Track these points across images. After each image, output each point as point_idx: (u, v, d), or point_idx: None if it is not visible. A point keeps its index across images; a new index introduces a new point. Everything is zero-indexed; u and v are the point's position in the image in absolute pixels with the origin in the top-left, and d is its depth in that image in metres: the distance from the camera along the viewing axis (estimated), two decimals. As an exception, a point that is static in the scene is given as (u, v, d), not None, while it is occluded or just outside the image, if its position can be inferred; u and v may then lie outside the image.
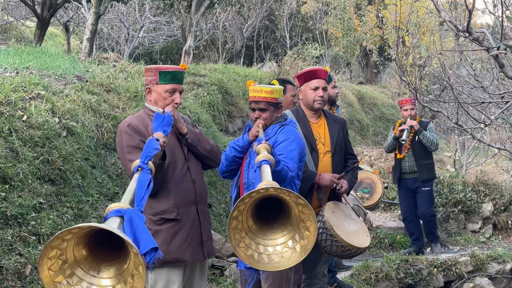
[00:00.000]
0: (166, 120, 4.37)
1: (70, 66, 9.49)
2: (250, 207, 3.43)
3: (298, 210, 3.41)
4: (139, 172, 3.59)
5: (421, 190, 9.80)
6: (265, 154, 4.15)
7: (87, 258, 2.98)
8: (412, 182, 9.79)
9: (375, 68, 32.10)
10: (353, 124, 20.13)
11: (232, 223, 3.40)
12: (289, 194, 3.33)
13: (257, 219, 3.55)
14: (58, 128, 6.99)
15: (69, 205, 6.41)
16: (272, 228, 3.57)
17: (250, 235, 3.51)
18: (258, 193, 3.34)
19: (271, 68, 19.44)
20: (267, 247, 3.53)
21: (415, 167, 9.73)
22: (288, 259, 3.51)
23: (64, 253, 2.86)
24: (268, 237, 3.56)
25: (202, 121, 10.33)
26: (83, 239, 2.91)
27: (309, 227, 3.43)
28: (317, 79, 5.92)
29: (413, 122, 9.59)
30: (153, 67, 4.71)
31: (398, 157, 9.79)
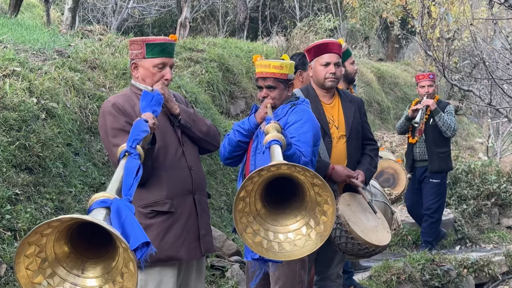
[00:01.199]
0: (155, 98, 4.35)
1: (49, 40, 9.47)
2: (259, 188, 3.41)
3: (314, 192, 3.39)
4: (126, 157, 3.58)
5: (428, 182, 9.67)
6: (275, 134, 4.11)
7: (69, 255, 2.95)
8: (421, 172, 9.71)
9: (397, 42, 31.97)
10: (372, 106, 20.07)
11: (239, 205, 3.39)
12: (304, 173, 3.31)
13: (267, 202, 3.54)
14: (36, 110, 6.97)
15: (49, 196, 6.40)
16: (284, 213, 3.56)
17: (258, 220, 3.50)
18: (269, 171, 3.31)
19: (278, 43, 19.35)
20: (277, 234, 3.52)
21: (426, 155, 9.62)
22: (301, 248, 3.49)
23: (44, 250, 2.83)
24: (279, 223, 3.54)
25: (199, 102, 10.31)
26: (64, 233, 2.89)
27: (327, 211, 3.41)
28: (329, 53, 5.87)
29: (429, 101, 9.45)
30: (138, 39, 4.70)
31: (410, 141, 9.67)
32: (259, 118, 5.18)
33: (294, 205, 3.55)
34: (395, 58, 31.94)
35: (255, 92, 12.84)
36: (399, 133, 9.94)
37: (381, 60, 29.67)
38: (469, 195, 11.95)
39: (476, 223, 11.66)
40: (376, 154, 6.18)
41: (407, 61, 29.64)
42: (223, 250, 7.63)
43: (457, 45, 19.27)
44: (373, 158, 6.06)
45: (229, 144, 5.32)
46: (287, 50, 15.05)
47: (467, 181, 12.19)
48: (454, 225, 11.18)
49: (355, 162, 5.93)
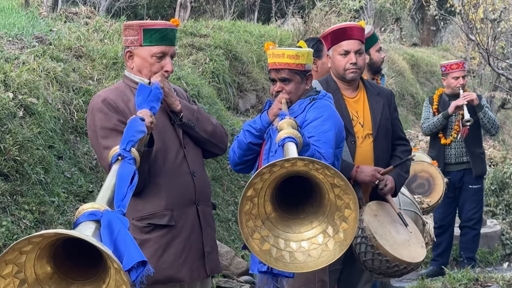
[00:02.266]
0: (153, 93, 4.33)
1: (28, 25, 9.49)
2: (270, 187, 3.39)
3: (334, 195, 3.36)
4: (119, 162, 3.57)
5: (469, 189, 9.68)
6: (289, 130, 4.02)
7: (52, 276, 2.96)
8: (457, 176, 9.68)
9: (434, 25, 31.93)
10: (405, 99, 20.05)
11: (246, 205, 3.36)
12: (323, 171, 3.27)
13: (278, 205, 3.53)
14: (13, 106, 6.99)
15: (27, 207, 6.42)
16: (298, 218, 3.55)
17: (268, 224, 3.48)
18: (282, 167, 3.29)
19: (294, 26, 19.32)
20: (289, 242, 3.51)
21: (464, 157, 9.61)
22: (316, 259, 3.48)
23: (23, 270, 2.83)
24: (292, 229, 3.53)
25: (203, 96, 10.32)
26: (47, 251, 2.89)
27: (348, 216, 3.39)
28: (348, 40, 5.85)
29: (472, 94, 9.47)
30: (135, 23, 4.68)
31: (443, 142, 9.61)
32: (272, 116, 5.12)
33: (310, 209, 3.53)
34: (431, 42, 31.89)
35: (267, 84, 12.85)
36: (428, 134, 9.84)
37: (415, 45, 29.65)
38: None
39: (527, 235, 11.63)
40: (408, 156, 6.15)
41: (445, 46, 29.58)
42: (231, 269, 7.64)
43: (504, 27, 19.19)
44: (405, 162, 6.03)
45: (239, 147, 5.28)
46: (305, 34, 15.05)
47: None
48: (501, 238, 11.17)
49: (384, 165, 5.88)
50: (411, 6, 30.09)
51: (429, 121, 9.64)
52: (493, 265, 10.65)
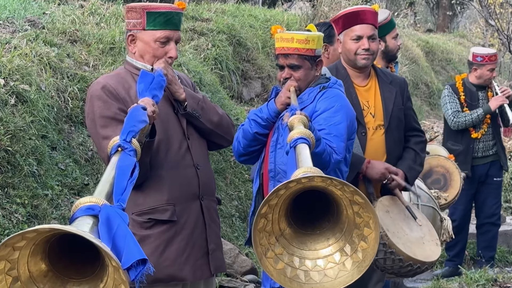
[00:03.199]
0: (156, 80, 4.32)
1: (19, 7, 9.48)
2: (285, 203, 3.36)
3: (352, 211, 3.33)
4: (118, 153, 3.57)
5: (493, 182, 9.77)
6: (301, 130, 4.01)
7: (47, 274, 2.95)
8: (483, 170, 9.72)
9: (450, 9, 31.89)
10: (419, 88, 20.03)
11: (259, 223, 3.34)
12: (342, 188, 3.25)
13: (293, 220, 3.51)
14: (4, 93, 7.00)
15: (19, 200, 6.43)
16: (314, 234, 3.52)
17: (282, 241, 3.46)
18: (299, 183, 3.27)
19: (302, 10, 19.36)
20: (304, 260, 3.49)
21: (490, 150, 9.66)
22: (333, 279, 3.45)
23: (16, 267, 2.83)
24: (307, 246, 3.51)
25: (205, 84, 10.32)
26: (42, 247, 2.88)
27: (367, 236, 3.35)
28: (361, 24, 5.84)
29: (510, 90, 9.49)
30: (138, 5, 4.64)
31: (474, 136, 9.61)
32: (279, 104, 5.11)
33: (327, 225, 3.50)
34: (447, 28, 31.87)
35: (273, 71, 12.85)
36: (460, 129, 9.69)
37: (430, 31, 29.64)
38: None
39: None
40: (423, 148, 6.14)
41: (462, 32, 29.57)
42: (234, 268, 7.64)
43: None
44: (418, 154, 6.02)
45: (244, 137, 5.27)
46: (313, 19, 15.04)
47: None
48: (521, 237, 11.18)
49: (396, 158, 5.91)
50: (426, -11, 30.08)
51: (464, 116, 9.50)
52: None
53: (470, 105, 9.51)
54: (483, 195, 9.75)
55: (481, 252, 9.97)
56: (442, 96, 9.84)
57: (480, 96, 9.53)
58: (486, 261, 9.81)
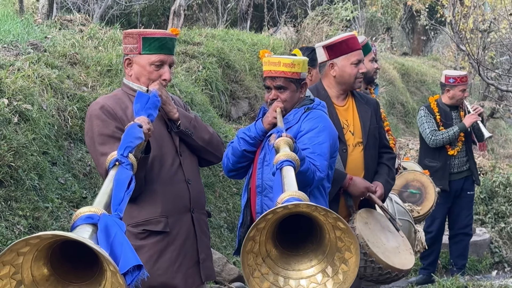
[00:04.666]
0: (151, 101, 4.33)
1: (23, 31, 9.49)
2: (272, 226, 3.35)
3: (334, 236, 3.33)
4: (116, 167, 3.57)
5: (467, 195, 9.82)
6: (287, 152, 4.00)
7: (49, 278, 2.96)
8: (458, 185, 9.75)
9: (424, 34, 32.00)
10: (395, 108, 20.07)
11: (248, 245, 3.33)
12: (325, 214, 3.25)
13: (279, 242, 3.51)
14: (8, 112, 6.99)
15: (21, 213, 6.41)
16: (298, 255, 3.51)
17: (268, 262, 3.45)
18: (285, 209, 3.27)
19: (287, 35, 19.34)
20: (288, 279, 3.48)
21: (464, 165, 9.70)
22: None
23: (20, 272, 2.83)
24: (291, 266, 3.50)
25: (196, 103, 10.32)
26: (44, 253, 2.89)
27: (348, 259, 3.35)
28: (357, 49, 5.88)
29: (480, 108, 9.54)
30: (134, 31, 4.66)
31: (451, 153, 9.64)
32: (266, 124, 5.11)
33: (310, 247, 3.49)
34: (421, 52, 31.99)
35: (260, 91, 12.87)
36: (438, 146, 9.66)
37: (406, 54, 29.72)
38: (507, 211, 11.96)
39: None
40: (393, 163, 6.18)
41: (435, 56, 29.64)
42: (222, 275, 7.64)
43: (494, 37, 19.26)
44: (391, 169, 6.06)
45: (233, 154, 5.27)
46: (297, 43, 15.07)
47: (505, 196, 12.21)
48: (490, 247, 11.20)
49: (372, 173, 5.94)
50: (402, 16, 30.17)
51: (441, 134, 9.50)
52: (482, 273, 10.68)
53: (445, 124, 9.55)
54: (458, 207, 9.78)
55: (453, 261, 9.98)
56: (419, 117, 9.84)
57: (454, 115, 9.59)
58: (458, 269, 9.83)
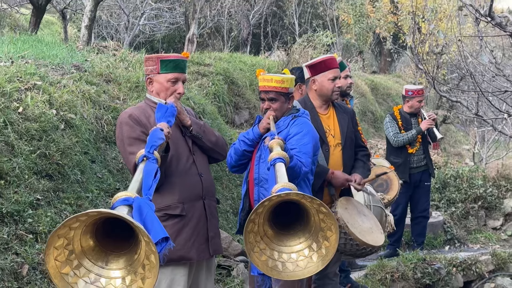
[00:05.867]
0: (169, 110, 4.38)
1: (67, 55, 9.48)
2: (268, 211, 3.39)
3: (318, 218, 3.36)
4: (144, 162, 3.59)
5: (424, 185, 9.80)
6: (279, 152, 4.09)
7: (94, 248, 2.99)
8: (417, 177, 9.74)
9: (389, 56, 32.02)
10: (366, 115, 20.08)
11: (249, 226, 3.37)
12: (311, 201, 3.29)
13: (274, 224, 3.52)
14: (56, 121, 6.98)
15: (67, 201, 6.41)
16: (289, 234, 3.53)
17: (265, 240, 3.48)
18: (279, 197, 3.30)
19: (279, 57, 19.40)
20: (282, 253, 3.50)
21: (422, 162, 9.68)
22: (303, 269, 3.46)
23: (71, 243, 2.87)
24: (284, 243, 3.52)
25: (207, 113, 10.32)
26: (90, 228, 2.93)
27: (329, 237, 3.38)
28: (335, 68, 5.90)
29: (434, 114, 9.54)
30: (153, 56, 4.71)
31: (410, 151, 9.63)
32: (262, 129, 5.21)
33: (298, 227, 3.52)
34: (387, 70, 31.98)
35: (258, 103, 12.83)
36: (400, 146, 9.66)
37: (375, 72, 29.72)
38: (457, 198, 11.96)
39: (464, 224, 11.65)
40: (368, 159, 6.23)
41: (398, 74, 29.65)
42: (229, 251, 7.63)
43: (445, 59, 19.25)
44: (365, 163, 6.11)
45: (235, 153, 5.34)
46: (288, 63, 15.10)
47: (455, 186, 12.21)
48: (443, 227, 11.19)
49: (350, 168, 5.97)
50: (371, 42, 30.17)
51: (402, 136, 9.51)
52: (437, 248, 10.66)
53: (405, 128, 9.56)
54: (417, 195, 9.77)
55: (414, 238, 9.99)
56: (385, 122, 9.88)
57: (413, 121, 9.59)
58: (418, 245, 9.85)
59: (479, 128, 16.64)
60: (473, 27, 17.35)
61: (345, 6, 28.48)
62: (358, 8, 28.05)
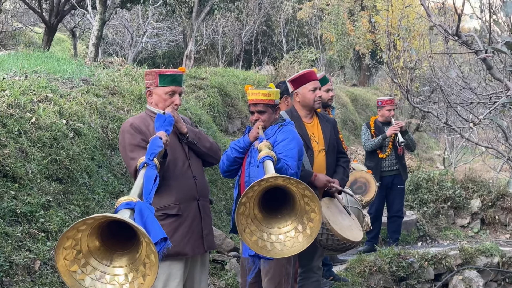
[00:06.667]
0: (167, 120, 4.40)
1: (76, 70, 9.47)
2: (257, 196, 3.42)
3: (303, 202, 3.40)
4: (145, 168, 3.61)
5: (397, 188, 9.74)
6: (267, 151, 4.14)
7: (100, 248, 3.01)
8: (389, 180, 9.69)
9: (368, 71, 32.11)
10: (347, 124, 20.10)
11: (240, 209, 3.40)
12: (297, 185, 3.31)
13: (263, 208, 3.55)
14: (66, 129, 6.97)
15: (76, 203, 6.39)
16: (276, 217, 3.57)
17: (255, 222, 3.52)
18: (267, 182, 3.32)
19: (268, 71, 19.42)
20: (270, 235, 3.53)
21: (394, 166, 9.63)
22: (290, 248, 3.50)
23: (79, 244, 2.89)
24: (272, 226, 3.56)
25: (203, 122, 10.31)
26: (96, 230, 2.94)
27: (313, 218, 3.42)
28: (314, 80, 5.92)
29: (402, 123, 9.53)
30: (153, 70, 4.73)
31: (381, 156, 9.62)
32: (251, 138, 5.24)
33: (285, 211, 3.55)
34: (366, 83, 32.06)
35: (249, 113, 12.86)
36: (369, 151, 9.74)
37: (355, 85, 29.77)
38: (429, 199, 11.97)
39: (435, 223, 11.66)
40: (347, 165, 6.21)
41: (376, 86, 29.73)
42: (222, 247, 7.62)
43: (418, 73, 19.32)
44: (345, 169, 6.09)
45: (227, 159, 5.35)
46: (276, 77, 15.10)
47: (427, 187, 12.22)
48: (416, 225, 11.21)
49: (332, 171, 5.96)
50: (352, 57, 30.22)
51: (370, 141, 9.58)
52: (411, 244, 10.68)
53: (377, 136, 9.56)
54: (392, 197, 9.77)
55: (389, 235, 9.99)
56: (361, 130, 9.95)
57: (385, 130, 9.55)
58: (393, 241, 9.85)
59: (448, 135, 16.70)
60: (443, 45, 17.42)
61: (328, 25, 28.50)
62: (339, 27, 28.09)
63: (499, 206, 12.14)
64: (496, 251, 9.86)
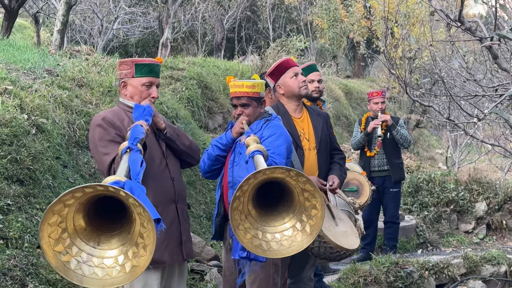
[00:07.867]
0: (146, 110, 4.44)
1: (39, 60, 9.42)
2: (252, 190, 3.42)
3: (303, 198, 3.40)
4: (128, 153, 3.62)
5: (390, 192, 9.76)
6: (256, 145, 4.15)
7: (86, 229, 3.06)
8: (380, 181, 9.72)
9: (363, 61, 32.16)
10: (340, 120, 20.14)
11: (234, 203, 3.40)
12: (297, 178, 3.30)
13: (257, 204, 3.55)
14: (27, 125, 6.94)
15: (39, 206, 6.36)
16: (272, 215, 3.58)
17: (249, 219, 3.53)
18: (264, 174, 3.31)
19: (253, 61, 19.38)
20: (266, 233, 3.55)
21: (384, 166, 9.69)
22: (288, 248, 3.51)
23: (64, 221, 2.94)
24: (268, 224, 3.57)
25: (180, 117, 10.30)
26: (83, 207, 2.99)
27: (314, 215, 3.43)
28: (292, 67, 5.91)
29: (386, 116, 9.52)
30: (128, 60, 4.73)
31: (368, 154, 9.67)
32: (235, 133, 5.21)
33: (282, 208, 3.57)
34: (361, 75, 32.11)
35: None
36: (356, 149, 9.88)
37: (348, 77, 29.82)
38: (430, 202, 12.03)
39: (436, 228, 11.72)
40: (344, 162, 6.19)
41: (372, 78, 29.80)
42: (202, 255, 7.62)
43: (418, 63, 19.41)
44: (342, 166, 6.08)
45: (208, 158, 5.32)
46: (261, 68, 15.08)
47: (428, 189, 12.28)
48: (416, 230, 11.26)
49: (325, 172, 5.93)
50: (345, 46, 30.29)
51: (354, 138, 9.75)
52: (410, 251, 10.73)
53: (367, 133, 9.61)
54: (385, 201, 9.80)
55: (386, 242, 10.02)
56: None
57: None
58: (390, 248, 9.88)
59: (451, 132, 16.78)
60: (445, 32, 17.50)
61: (319, 11, 28.54)
62: (331, 13, 28.14)
63: (506, 209, 12.22)
64: (504, 259, 9.92)
